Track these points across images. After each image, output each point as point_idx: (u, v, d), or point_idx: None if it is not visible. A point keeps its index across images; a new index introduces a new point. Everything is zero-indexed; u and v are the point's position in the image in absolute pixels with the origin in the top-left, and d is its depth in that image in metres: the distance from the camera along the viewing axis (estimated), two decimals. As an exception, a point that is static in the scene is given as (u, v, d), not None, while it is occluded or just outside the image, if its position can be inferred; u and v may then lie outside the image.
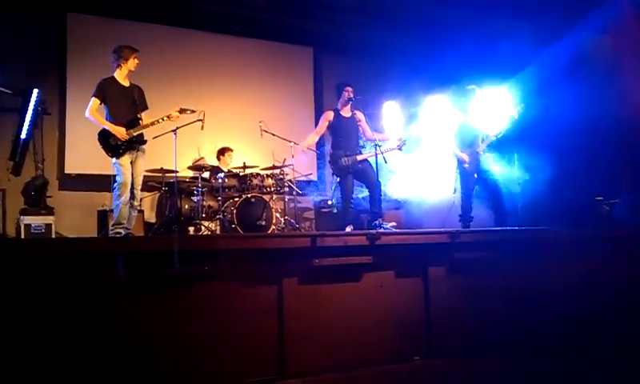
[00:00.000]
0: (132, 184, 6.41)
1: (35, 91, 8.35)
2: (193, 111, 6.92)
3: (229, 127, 9.57)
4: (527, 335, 5.50)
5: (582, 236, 6.22)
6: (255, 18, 10.04)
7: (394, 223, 7.98)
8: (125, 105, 6.49)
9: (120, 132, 6.30)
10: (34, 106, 8.35)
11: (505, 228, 6.93)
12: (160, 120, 6.62)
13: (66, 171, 8.78)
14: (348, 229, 6.88)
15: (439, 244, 5.41)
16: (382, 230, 6.12)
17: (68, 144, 8.78)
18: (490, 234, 6.17)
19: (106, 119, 6.41)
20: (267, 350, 4.66)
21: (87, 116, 6.41)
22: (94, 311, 4.17)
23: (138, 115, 6.54)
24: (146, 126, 6.52)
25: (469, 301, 5.45)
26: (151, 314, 4.32)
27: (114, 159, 6.37)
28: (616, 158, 8.73)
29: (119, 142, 6.32)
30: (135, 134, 6.41)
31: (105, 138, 6.37)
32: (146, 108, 6.71)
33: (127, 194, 6.32)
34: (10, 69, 8.16)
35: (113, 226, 6.34)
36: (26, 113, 8.35)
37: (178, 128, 7.50)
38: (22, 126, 8.36)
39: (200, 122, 7.61)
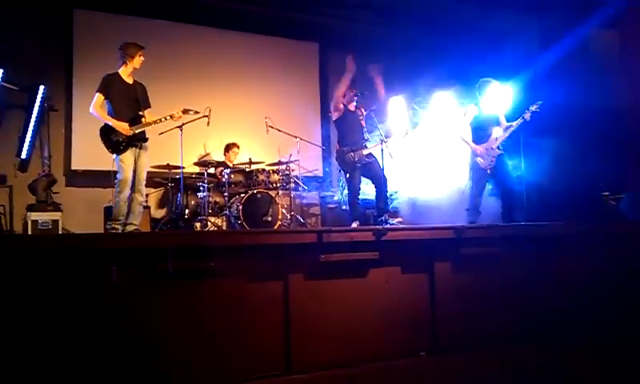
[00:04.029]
0: (134, 180, 6.34)
1: (42, 88, 8.39)
2: (196, 112, 6.84)
3: (235, 123, 9.57)
4: (534, 330, 5.50)
5: (588, 231, 6.20)
6: (261, 14, 10.03)
7: (399, 219, 7.99)
8: (127, 102, 6.43)
9: (123, 127, 6.26)
10: (41, 102, 8.39)
11: (511, 223, 6.92)
12: (163, 119, 6.55)
13: (73, 167, 8.80)
14: (354, 225, 6.88)
15: (445, 239, 5.41)
16: (388, 226, 6.12)
17: (74, 140, 8.80)
18: (495, 229, 6.17)
19: (109, 115, 6.37)
20: (273, 346, 4.67)
21: (91, 111, 6.38)
22: (101, 307, 4.18)
23: (140, 113, 6.48)
24: (149, 124, 6.45)
25: (475, 296, 5.45)
26: (157, 309, 4.34)
27: (114, 155, 6.33)
28: (622, 153, 8.70)
29: (120, 139, 6.27)
30: (137, 131, 6.36)
31: (106, 134, 6.33)
32: (148, 106, 6.64)
33: (127, 191, 6.27)
34: (17, 65, 8.17)
35: (110, 221, 6.32)
36: (33, 109, 8.39)
37: (184, 124, 7.52)
38: (29, 122, 8.40)
39: (206, 118, 7.63)
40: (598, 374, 4.85)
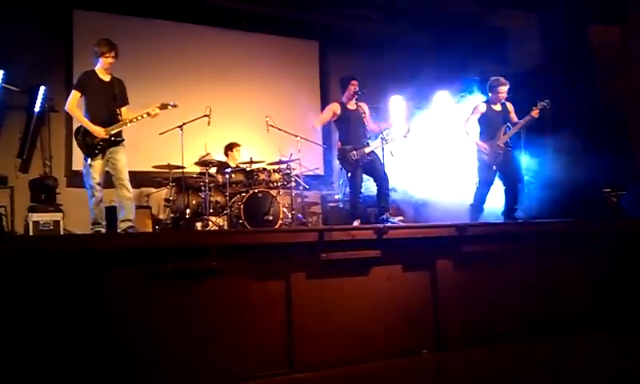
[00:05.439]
0: (114, 177, 6.15)
1: (42, 88, 8.39)
2: (174, 106, 6.45)
3: (235, 122, 9.57)
4: (535, 327, 5.51)
5: (590, 228, 6.21)
6: (261, 13, 10.03)
7: (401, 217, 7.97)
8: (103, 100, 6.22)
9: (98, 132, 6.05)
10: (41, 103, 8.39)
11: (512, 221, 6.91)
12: (139, 117, 6.27)
13: (74, 168, 8.77)
14: (356, 223, 6.87)
15: (447, 237, 5.42)
16: (389, 224, 6.11)
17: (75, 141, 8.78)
18: (497, 226, 6.18)
19: (84, 114, 6.18)
20: (276, 345, 4.68)
21: (67, 109, 6.26)
22: (102, 307, 4.19)
23: (117, 111, 6.25)
24: (124, 123, 6.21)
25: (477, 293, 5.46)
26: (160, 309, 4.34)
27: (88, 160, 6.09)
28: (623, 149, 8.70)
29: (96, 141, 6.06)
30: (113, 132, 6.13)
31: (82, 135, 6.14)
32: (126, 103, 6.38)
33: (99, 195, 6.09)
34: (17, 66, 8.18)
35: (92, 225, 6.15)
36: (34, 110, 8.39)
37: (184, 124, 7.52)
38: (30, 123, 8.40)
39: (206, 118, 7.62)
40: (599, 370, 4.84)
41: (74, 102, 6.20)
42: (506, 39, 9.80)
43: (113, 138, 6.16)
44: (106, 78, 6.33)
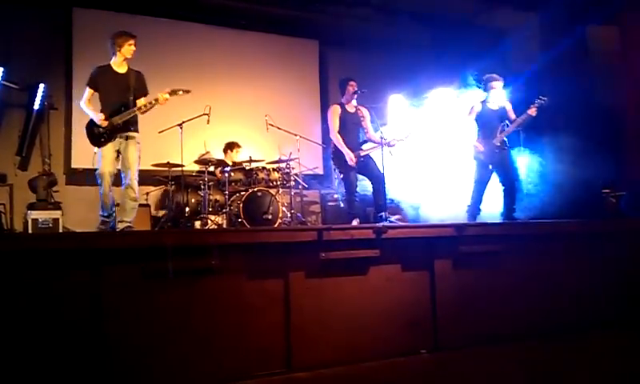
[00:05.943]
0: (122, 175, 6.18)
1: (42, 86, 8.40)
2: (186, 91, 6.45)
3: (235, 121, 9.58)
4: (534, 327, 5.50)
5: (589, 228, 6.21)
6: (261, 12, 10.04)
7: (398, 216, 7.98)
8: (115, 92, 6.19)
9: (99, 118, 6.05)
10: (41, 101, 8.40)
11: (511, 221, 6.92)
12: (148, 104, 6.22)
13: (73, 166, 8.79)
14: (354, 222, 6.87)
15: (445, 237, 5.41)
16: (388, 224, 6.11)
17: (74, 139, 8.77)
18: (496, 227, 6.17)
19: (100, 107, 6.20)
20: (274, 344, 4.67)
21: (80, 105, 6.27)
22: (100, 306, 4.18)
23: (132, 102, 6.20)
24: (132, 112, 6.16)
25: (475, 294, 5.45)
26: (157, 308, 4.33)
27: (97, 149, 6.12)
28: (622, 149, 8.70)
29: (101, 130, 6.05)
30: (120, 121, 6.09)
31: (90, 127, 6.16)
32: (144, 94, 6.35)
33: (106, 185, 6.06)
34: (17, 64, 8.19)
35: (101, 211, 6.16)
36: (33, 108, 8.40)
37: (184, 122, 7.53)
38: (29, 121, 8.41)
39: (206, 117, 7.63)
40: (600, 370, 4.85)
41: (88, 98, 6.25)
42: (506, 39, 9.79)
43: (120, 127, 6.11)
44: (122, 69, 6.31)
